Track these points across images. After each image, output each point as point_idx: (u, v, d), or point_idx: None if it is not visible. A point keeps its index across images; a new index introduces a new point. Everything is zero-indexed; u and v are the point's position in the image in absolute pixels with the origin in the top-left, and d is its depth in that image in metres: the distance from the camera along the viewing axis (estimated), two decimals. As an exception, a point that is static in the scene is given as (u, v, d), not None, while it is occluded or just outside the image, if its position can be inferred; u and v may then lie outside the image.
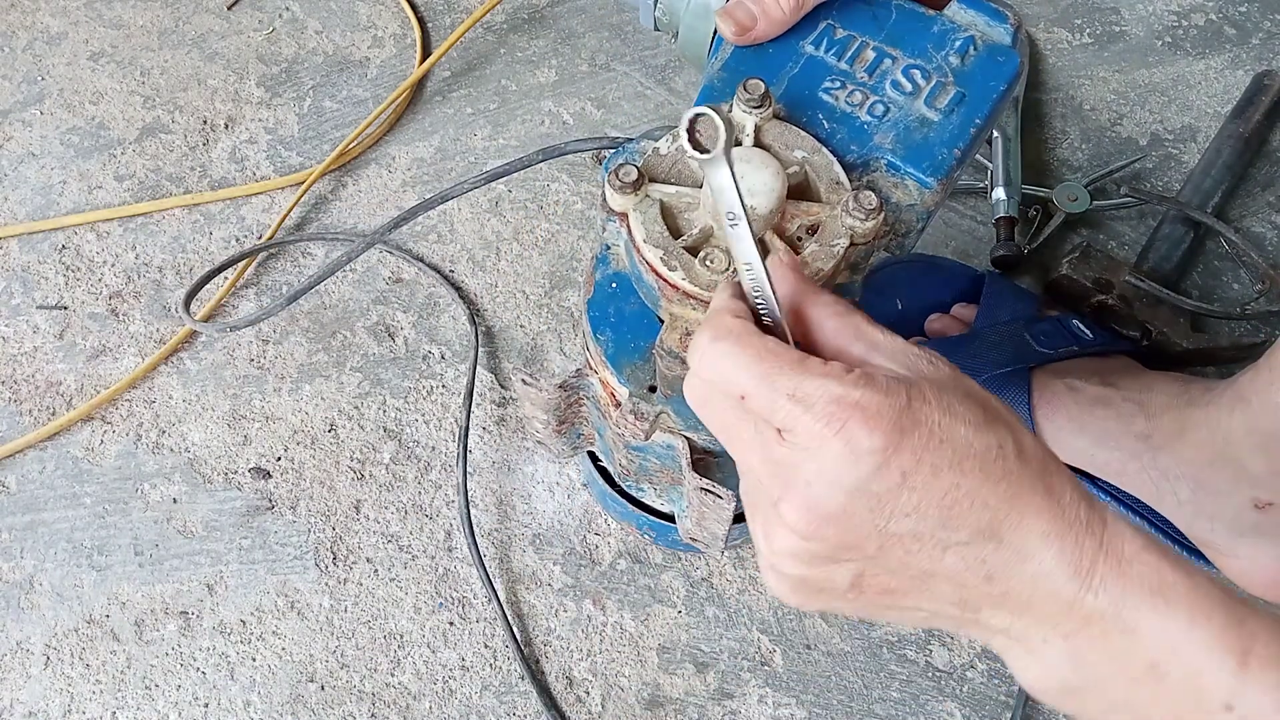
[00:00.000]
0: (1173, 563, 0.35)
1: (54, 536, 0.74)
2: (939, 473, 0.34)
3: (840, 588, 0.38)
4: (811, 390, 0.35)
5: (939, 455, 0.34)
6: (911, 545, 0.35)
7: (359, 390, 0.79)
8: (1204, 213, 0.82)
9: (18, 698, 0.69)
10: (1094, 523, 0.35)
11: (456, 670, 0.69)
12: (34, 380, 0.80)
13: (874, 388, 0.35)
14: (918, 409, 0.35)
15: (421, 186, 0.89)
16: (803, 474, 0.35)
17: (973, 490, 0.35)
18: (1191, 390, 0.68)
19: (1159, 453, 0.67)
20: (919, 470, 0.34)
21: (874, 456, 0.34)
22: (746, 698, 0.68)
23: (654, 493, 0.66)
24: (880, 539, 0.35)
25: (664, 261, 0.45)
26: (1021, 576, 0.35)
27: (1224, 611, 0.34)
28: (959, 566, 0.36)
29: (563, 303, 0.83)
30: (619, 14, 0.98)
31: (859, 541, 0.36)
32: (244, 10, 1.00)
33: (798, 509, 0.36)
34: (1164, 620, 0.34)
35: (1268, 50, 0.95)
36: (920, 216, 0.50)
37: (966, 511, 0.35)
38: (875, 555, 0.36)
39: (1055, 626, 0.35)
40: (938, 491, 0.35)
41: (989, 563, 0.35)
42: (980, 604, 0.36)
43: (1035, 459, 0.36)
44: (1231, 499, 0.65)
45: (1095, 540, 0.35)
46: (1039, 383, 0.72)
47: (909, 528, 0.35)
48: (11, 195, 0.89)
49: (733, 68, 0.53)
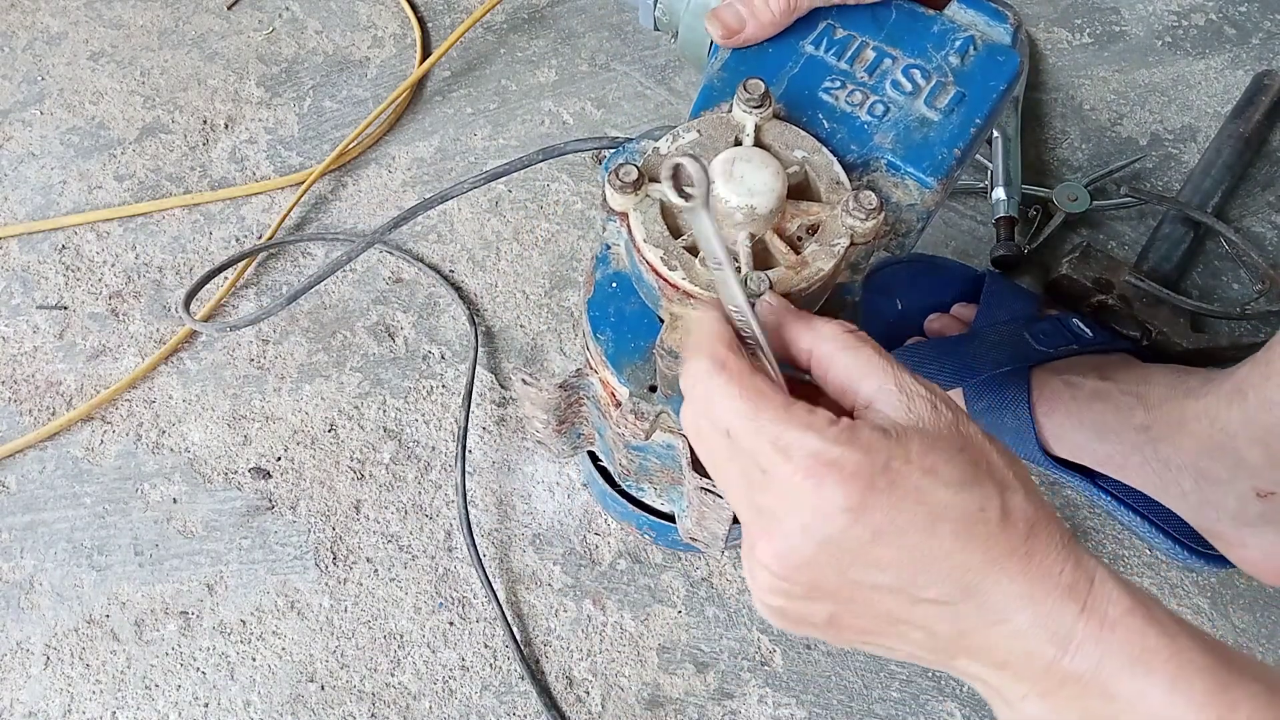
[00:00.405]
0: (1159, 627, 0.34)
1: (54, 536, 0.74)
2: (908, 533, 0.35)
3: (818, 622, 0.39)
4: (792, 441, 0.36)
5: (912, 516, 0.35)
6: (881, 596, 0.36)
7: (359, 390, 0.79)
8: (1204, 213, 0.82)
9: (18, 698, 0.69)
10: (1079, 585, 0.35)
11: (456, 670, 0.69)
12: (34, 380, 0.80)
13: (854, 445, 0.35)
14: (896, 469, 0.35)
15: (421, 186, 0.89)
16: (778, 519, 0.36)
17: (947, 552, 0.35)
18: (1190, 382, 0.68)
19: (1159, 444, 0.67)
20: (890, 529, 0.35)
21: (846, 515, 0.35)
22: (746, 698, 0.68)
23: (654, 493, 0.66)
24: (850, 589, 0.36)
25: (664, 261, 0.45)
26: (997, 635, 0.35)
27: (1207, 679, 0.33)
28: (930, 618, 0.36)
29: (563, 302, 0.83)
30: (619, 14, 0.98)
31: (829, 589, 0.37)
32: (244, 10, 1.00)
33: (772, 553, 0.37)
34: (1144, 687, 0.34)
35: (1268, 50, 0.95)
36: (920, 216, 0.50)
37: (938, 572, 0.35)
38: (846, 601, 0.37)
39: (1033, 684, 0.35)
40: (908, 551, 0.35)
41: (961, 620, 0.36)
42: (955, 653, 0.37)
43: (1021, 520, 0.36)
44: (1233, 488, 0.65)
45: (1077, 604, 0.35)
46: (1038, 380, 0.72)
47: (878, 581, 0.36)
48: (11, 195, 0.89)
49: (733, 68, 0.53)
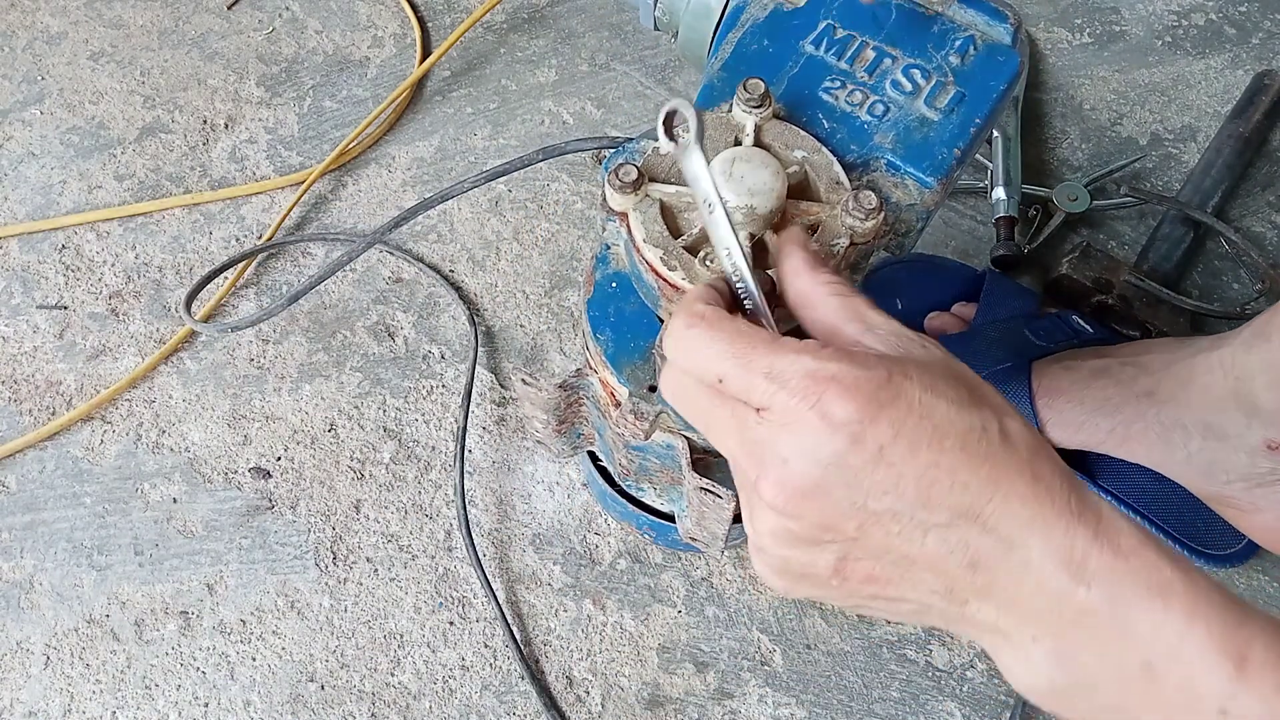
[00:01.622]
0: (1171, 559, 0.34)
1: (54, 536, 0.74)
2: (916, 448, 0.34)
3: (823, 573, 0.37)
4: (786, 366, 0.35)
5: (917, 430, 0.34)
6: (891, 526, 0.35)
7: (359, 390, 0.79)
8: (1204, 212, 0.82)
9: (18, 697, 0.69)
10: (1086, 513, 0.34)
11: (456, 670, 0.69)
12: (34, 380, 0.81)
13: (851, 361, 0.34)
14: (898, 383, 0.34)
15: (421, 186, 0.89)
16: (779, 450, 0.35)
17: (952, 469, 0.34)
18: (1197, 342, 0.67)
19: (1164, 406, 0.66)
20: (896, 444, 0.34)
21: (849, 428, 0.34)
22: (746, 697, 0.68)
23: (654, 492, 0.66)
24: (859, 518, 0.35)
25: (664, 261, 0.45)
26: (1008, 566, 0.34)
27: (1222, 613, 0.33)
28: (941, 551, 0.35)
29: (563, 302, 0.83)
30: (619, 14, 0.98)
31: (837, 520, 0.35)
32: (244, 10, 1.00)
33: (774, 485, 0.35)
34: (1161, 619, 0.33)
35: (1268, 50, 0.95)
36: (920, 216, 0.50)
37: (946, 491, 0.34)
38: (855, 536, 0.35)
39: (1044, 624, 0.35)
40: (915, 468, 0.34)
41: (971, 548, 0.34)
42: (966, 595, 0.36)
43: (1022, 444, 0.35)
44: (1245, 440, 0.63)
45: (1088, 530, 0.34)
46: (1037, 371, 0.71)
47: (887, 505, 0.34)
48: (11, 195, 0.89)
49: (733, 67, 0.53)
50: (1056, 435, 0.71)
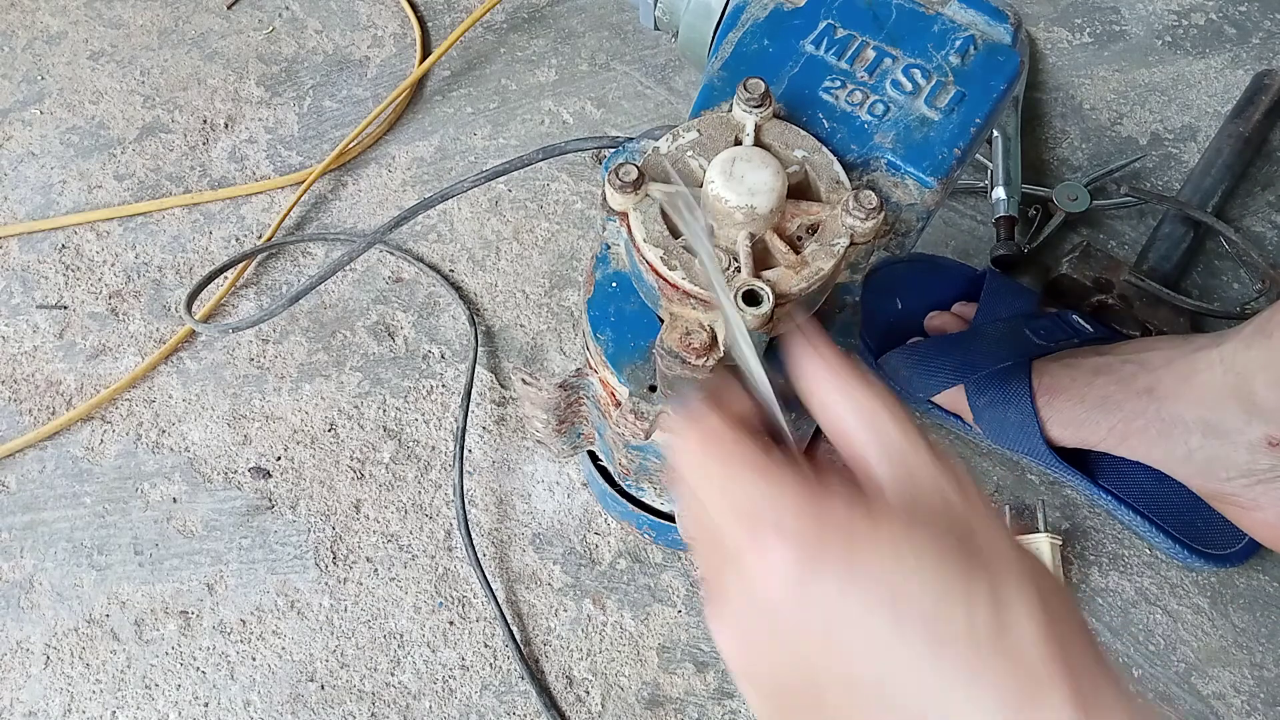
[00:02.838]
0: None
1: (54, 536, 0.74)
2: (866, 620, 0.29)
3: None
4: (742, 498, 0.31)
5: (868, 599, 0.29)
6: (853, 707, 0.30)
7: (359, 390, 0.79)
8: (1204, 212, 0.82)
9: (18, 697, 0.69)
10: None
11: (456, 670, 0.69)
12: (34, 380, 0.80)
13: (810, 502, 0.30)
14: (860, 536, 0.29)
15: (421, 186, 0.89)
16: (725, 592, 0.32)
17: (910, 660, 0.28)
18: (1197, 339, 0.67)
19: (1164, 403, 0.66)
20: (842, 610, 0.29)
21: (785, 584, 0.30)
22: (746, 697, 0.68)
23: (654, 492, 0.66)
24: (813, 692, 0.30)
25: (664, 261, 0.45)
26: None
27: None
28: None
29: (563, 302, 0.83)
30: (619, 13, 0.98)
31: (793, 689, 0.31)
32: (244, 10, 1.00)
33: (725, 635, 0.32)
34: None
35: (1268, 49, 0.95)
36: (920, 216, 0.50)
37: (900, 686, 0.28)
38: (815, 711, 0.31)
39: None
40: (870, 646, 0.29)
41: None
42: None
43: (1027, 640, 0.28)
44: (1245, 437, 0.64)
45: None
46: (1037, 369, 0.72)
47: (841, 679, 0.30)
48: (11, 195, 0.89)
49: (733, 67, 0.53)
50: (1057, 433, 0.71)
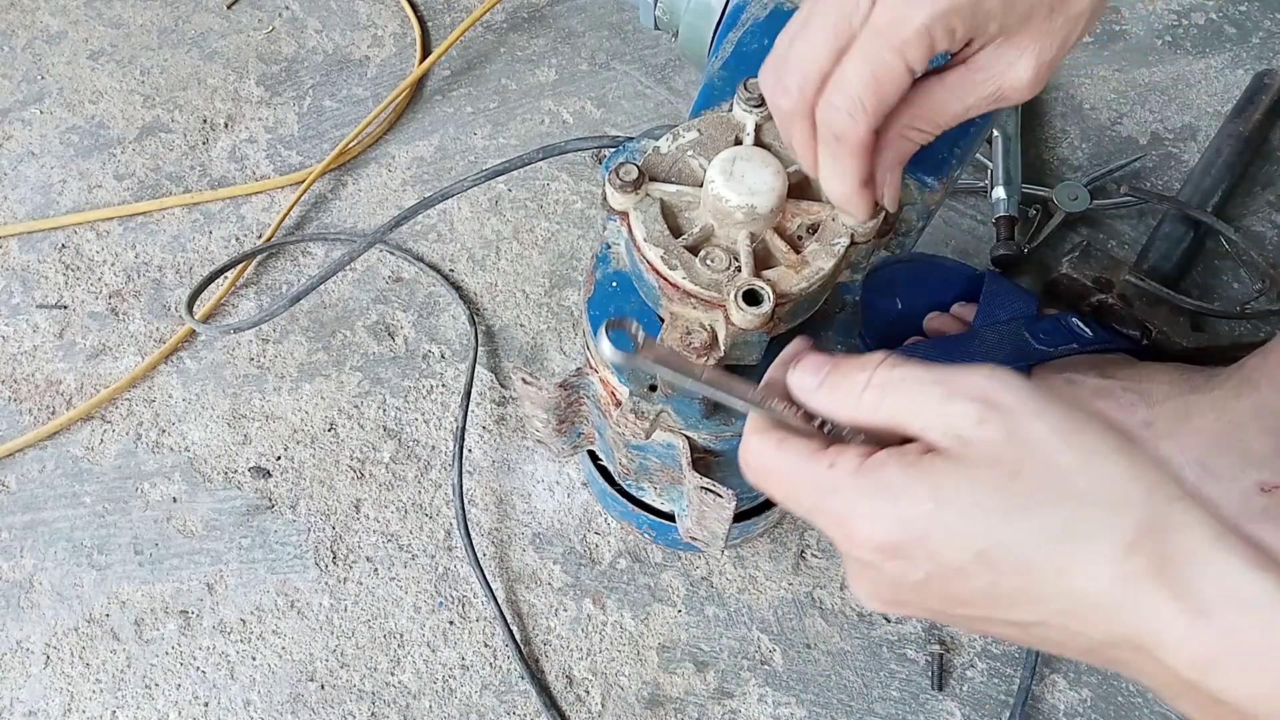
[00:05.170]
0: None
1: (54, 536, 0.74)
2: (957, 578, 0.34)
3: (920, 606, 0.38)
4: (816, 501, 0.37)
5: (951, 560, 0.34)
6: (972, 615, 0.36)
7: (359, 389, 0.79)
8: (1204, 212, 0.82)
9: (18, 697, 0.69)
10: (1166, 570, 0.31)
11: (456, 669, 0.69)
12: (34, 379, 0.80)
13: (879, 497, 0.35)
14: (924, 517, 0.34)
15: (421, 186, 0.89)
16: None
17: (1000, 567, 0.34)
18: (1194, 378, 0.68)
19: (1162, 440, 0.67)
20: (938, 573, 0.35)
21: (879, 555, 0.35)
22: (746, 697, 0.68)
23: (654, 492, 0.66)
24: (939, 602, 0.36)
25: (664, 260, 0.45)
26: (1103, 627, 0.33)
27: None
28: (1037, 631, 0.35)
29: (563, 302, 0.83)
30: (619, 13, 0.98)
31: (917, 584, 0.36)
32: (244, 9, 1.00)
33: (859, 541, 0.36)
34: None
35: (1268, 49, 0.95)
36: (921, 216, 0.50)
37: (1010, 602, 0.34)
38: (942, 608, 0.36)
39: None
40: (969, 590, 0.34)
41: (1064, 623, 0.34)
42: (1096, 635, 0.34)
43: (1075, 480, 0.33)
44: (1237, 483, 0.65)
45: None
46: (1037, 378, 0.72)
47: (959, 606, 0.35)
48: (11, 194, 0.89)
49: (733, 66, 0.53)
50: None
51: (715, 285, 0.44)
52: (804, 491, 0.37)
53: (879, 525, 0.34)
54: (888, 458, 0.35)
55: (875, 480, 0.35)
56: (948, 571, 0.34)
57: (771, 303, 0.43)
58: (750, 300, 0.43)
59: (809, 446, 0.37)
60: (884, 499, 0.34)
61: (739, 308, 0.43)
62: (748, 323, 0.43)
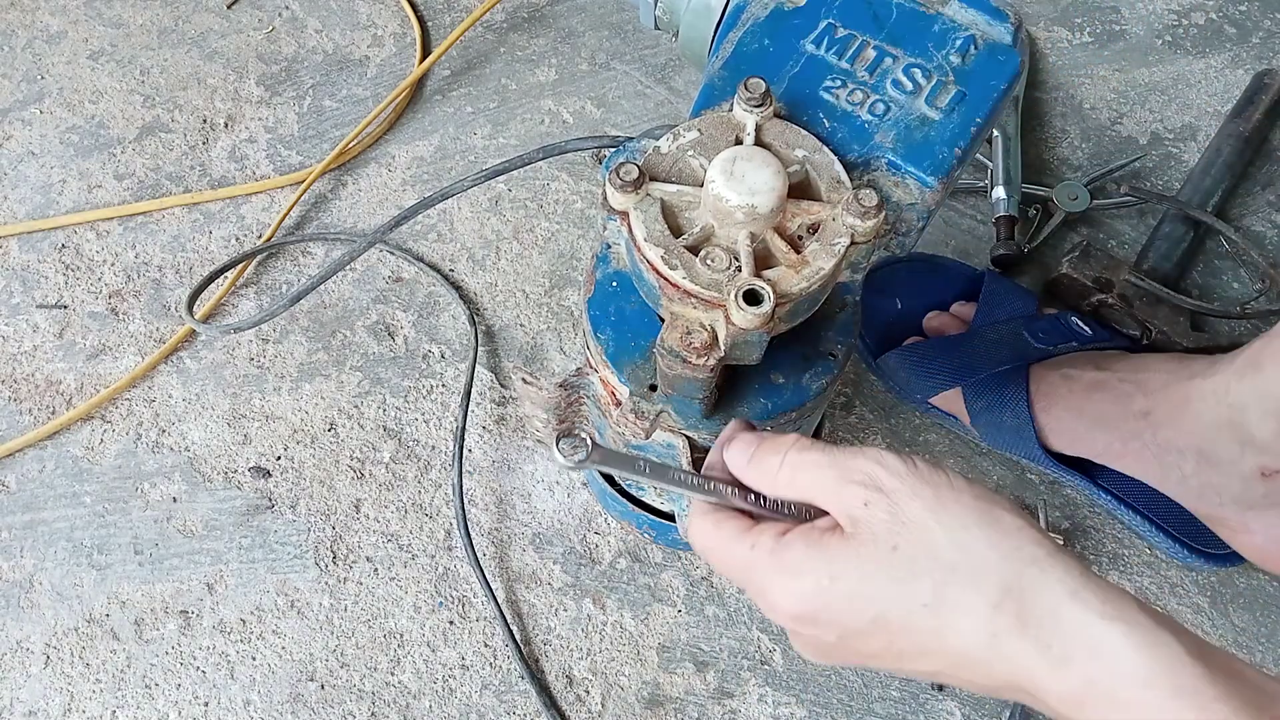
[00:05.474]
0: None
1: (54, 536, 0.74)
2: (857, 639, 0.40)
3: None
4: (740, 569, 0.42)
5: (850, 623, 0.39)
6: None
7: (359, 389, 0.79)
8: (1204, 212, 0.82)
9: (18, 696, 0.69)
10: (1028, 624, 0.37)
11: (456, 669, 0.69)
12: (34, 379, 0.80)
13: (786, 573, 0.40)
14: (822, 600, 0.40)
15: (421, 185, 0.89)
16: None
17: (898, 654, 0.39)
18: (1193, 366, 0.67)
19: (1160, 428, 0.67)
20: (840, 633, 0.40)
21: (793, 622, 0.41)
22: (746, 697, 0.68)
23: (654, 492, 0.66)
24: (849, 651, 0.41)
25: (665, 260, 0.45)
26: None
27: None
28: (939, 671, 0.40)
29: (563, 302, 0.83)
30: (619, 13, 0.98)
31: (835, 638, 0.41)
32: (244, 9, 1.00)
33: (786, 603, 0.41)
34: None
35: (1268, 49, 0.95)
36: (921, 215, 0.50)
37: (907, 664, 0.39)
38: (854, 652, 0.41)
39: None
40: (865, 655, 0.40)
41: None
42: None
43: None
44: (1238, 468, 0.64)
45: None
46: (1035, 376, 0.72)
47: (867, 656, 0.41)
48: (11, 194, 0.89)
49: (733, 66, 0.53)
50: (1055, 443, 0.71)
51: (715, 285, 0.44)
52: (734, 569, 0.42)
53: (788, 599, 0.40)
54: (795, 538, 0.40)
55: (784, 560, 0.40)
56: (852, 634, 0.39)
57: (772, 302, 0.43)
58: (750, 300, 0.43)
59: (739, 526, 0.42)
60: (790, 576, 0.40)
61: (739, 307, 0.43)
62: (748, 322, 0.43)
